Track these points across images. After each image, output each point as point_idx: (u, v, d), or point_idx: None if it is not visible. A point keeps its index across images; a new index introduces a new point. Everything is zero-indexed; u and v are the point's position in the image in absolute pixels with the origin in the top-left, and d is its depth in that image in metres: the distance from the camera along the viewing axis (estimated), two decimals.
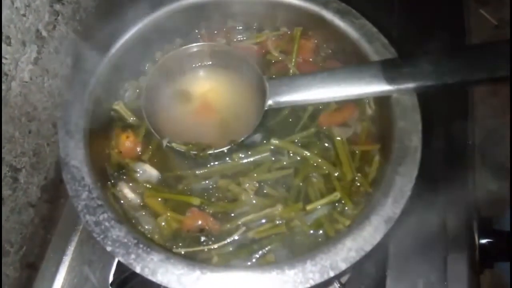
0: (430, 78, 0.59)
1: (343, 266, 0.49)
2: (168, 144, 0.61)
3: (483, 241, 0.73)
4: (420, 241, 0.71)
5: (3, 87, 0.66)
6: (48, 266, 0.76)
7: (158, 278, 0.49)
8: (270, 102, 0.63)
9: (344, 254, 0.50)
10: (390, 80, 0.59)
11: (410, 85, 0.59)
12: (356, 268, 0.69)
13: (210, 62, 0.71)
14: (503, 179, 1.06)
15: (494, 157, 1.19)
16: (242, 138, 0.62)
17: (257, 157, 0.64)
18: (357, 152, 0.64)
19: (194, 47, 0.68)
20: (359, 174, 0.62)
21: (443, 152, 0.79)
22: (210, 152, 0.61)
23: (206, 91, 0.69)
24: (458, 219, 0.73)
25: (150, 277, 0.49)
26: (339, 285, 0.65)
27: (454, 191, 0.75)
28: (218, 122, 0.67)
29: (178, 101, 0.69)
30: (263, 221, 0.60)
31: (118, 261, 0.71)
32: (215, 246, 0.58)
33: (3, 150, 0.69)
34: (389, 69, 0.60)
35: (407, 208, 0.71)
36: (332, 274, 0.49)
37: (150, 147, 0.65)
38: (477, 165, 1.01)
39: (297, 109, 0.67)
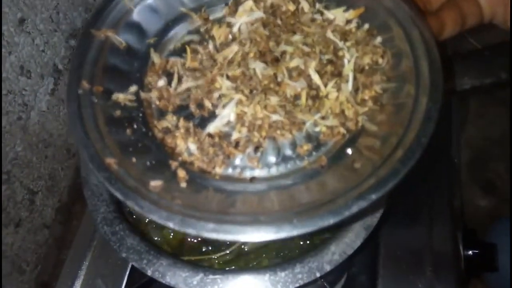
0: None
1: (327, 267, 0.59)
2: None
3: (469, 252, 0.82)
4: (408, 252, 0.79)
5: (23, 116, 0.74)
6: (64, 281, 0.80)
7: (167, 279, 0.58)
8: None
9: (329, 257, 0.59)
10: None
11: None
12: (349, 277, 0.79)
13: None
14: (492, 195, 1.15)
15: (483, 175, 1.29)
16: None
17: None
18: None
19: None
20: None
21: (429, 169, 0.86)
22: None
23: None
24: (444, 231, 0.80)
25: (160, 279, 0.59)
26: None
27: (440, 206, 0.83)
28: None
29: None
30: None
31: (129, 274, 0.78)
32: (215, 256, 0.67)
33: (21, 174, 0.76)
34: None
35: (396, 221, 0.82)
36: (318, 274, 0.58)
37: None
38: (466, 182, 1.10)
39: None
